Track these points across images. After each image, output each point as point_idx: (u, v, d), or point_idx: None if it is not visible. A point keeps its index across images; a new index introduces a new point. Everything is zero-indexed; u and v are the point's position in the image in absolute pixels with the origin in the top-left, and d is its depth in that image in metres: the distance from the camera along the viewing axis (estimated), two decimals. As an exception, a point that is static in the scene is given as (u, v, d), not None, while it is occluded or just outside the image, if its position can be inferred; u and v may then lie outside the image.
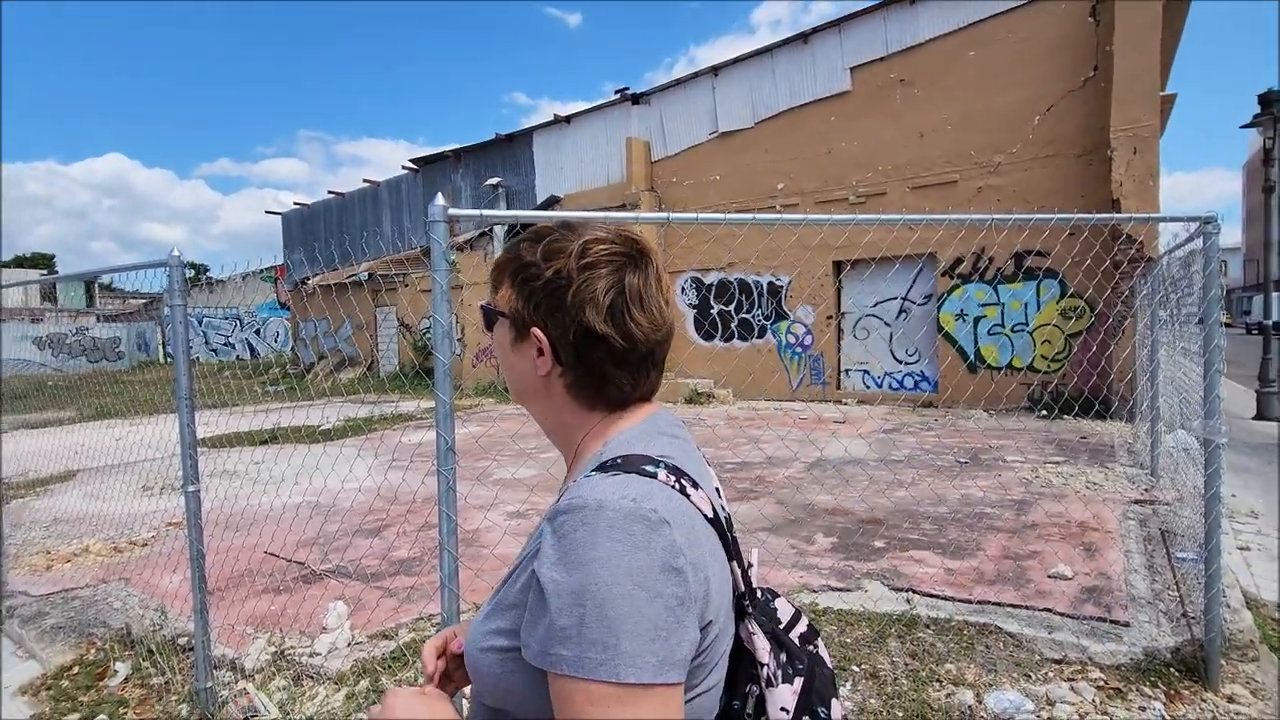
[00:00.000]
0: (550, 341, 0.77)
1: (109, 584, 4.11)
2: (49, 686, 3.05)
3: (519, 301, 0.80)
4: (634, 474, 0.69)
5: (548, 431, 0.87)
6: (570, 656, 0.60)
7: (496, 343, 0.86)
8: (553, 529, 0.66)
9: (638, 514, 0.64)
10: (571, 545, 0.63)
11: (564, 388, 0.80)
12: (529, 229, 0.85)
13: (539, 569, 0.64)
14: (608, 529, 0.63)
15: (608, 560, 0.62)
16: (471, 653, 0.73)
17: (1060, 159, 9.96)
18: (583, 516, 0.64)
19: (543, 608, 0.63)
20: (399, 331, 18.96)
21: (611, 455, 0.73)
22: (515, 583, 0.72)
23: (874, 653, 3.01)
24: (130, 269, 2.90)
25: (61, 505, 6.16)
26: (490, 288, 0.86)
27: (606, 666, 0.59)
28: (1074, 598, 3.44)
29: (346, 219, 21.92)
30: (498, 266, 0.84)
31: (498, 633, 0.70)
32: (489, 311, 0.85)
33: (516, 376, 0.84)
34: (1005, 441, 7.69)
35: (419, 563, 4.33)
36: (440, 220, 1.80)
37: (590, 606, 0.60)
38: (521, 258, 0.81)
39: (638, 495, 0.66)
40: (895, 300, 11.62)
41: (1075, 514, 4.80)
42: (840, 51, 11.92)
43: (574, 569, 0.62)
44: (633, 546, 0.62)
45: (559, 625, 0.61)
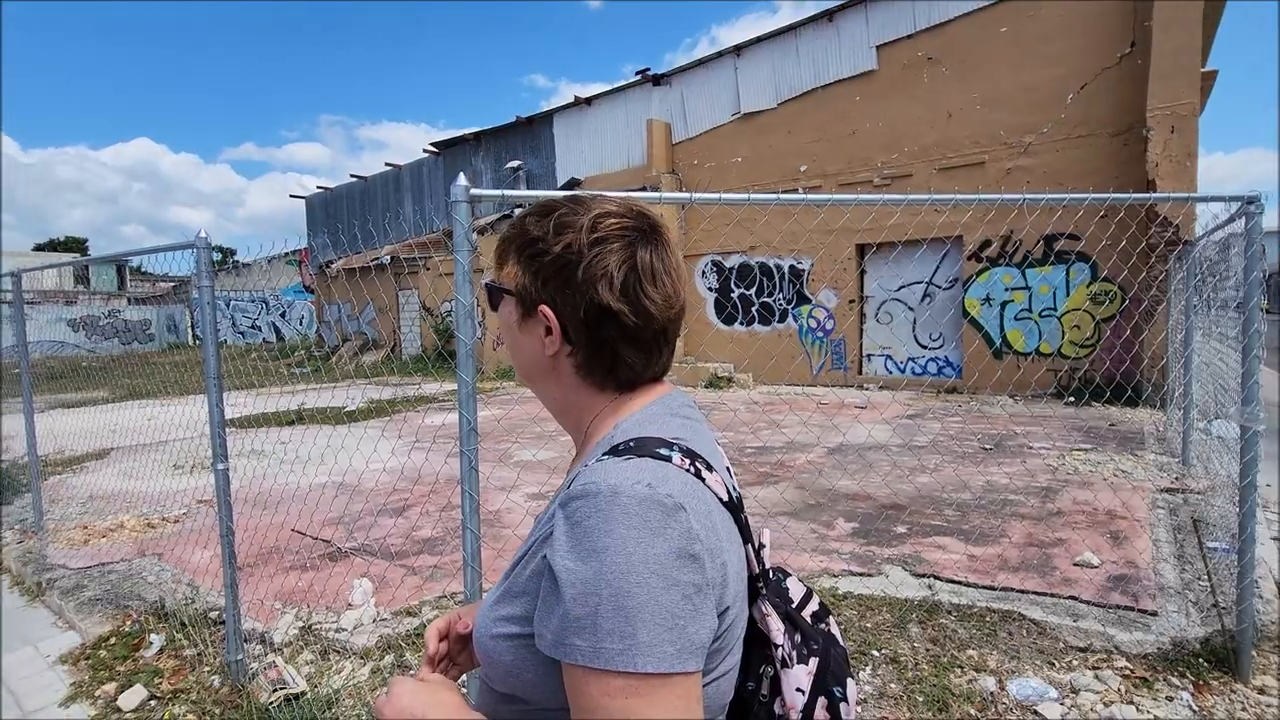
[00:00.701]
0: (559, 319, 0.75)
1: (143, 559, 4.23)
2: (88, 656, 3.15)
3: (526, 278, 0.77)
4: (648, 458, 0.67)
5: (556, 413, 0.85)
6: (586, 647, 0.59)
7: (502, 322, 0.83)
8: (565, 515, 0.64)
9: (653, 499, 0.62)
10: (585, 532, 0.61)
11: (573, 367, 0.77)
12: (536, 203, 0.81)
13: (552, 556, 0.63)
14: (622, 515, 0.61)
15: (622, 548, 0.60)
16: (481, 639, 0.72)
17: (1094, 139, 9.68)
18: (596, 503, 0.62)
19: (556, 597, 0.62)
20: (420, 314, 19.12)
21: (624, 438, 0.72)
22: (525, 569, 0.70)
23: (895, 638, 2.99)
24: (159, 251, 2.94)
25: (97, 482, 6.34)
26: (495, 264, 0.82)
27: (624, 656, 0.58)
28: (1100, 586, 3.39)
29: (368, 202, 22.08)
30: (502, 242, 0.81)
31: (508, 619, 0.69)
32: (494, 289, 0.82)
33: (523, 356, 0.82)
34: (1031, 428, 7.57)
35: (441, 542, 4.40)
36: (463, 201, 1.80)
37: (606, 595, 0.59)
38: (528, 232, 0.77)
39: (652, 480, 0.64)
40: (920, 284, 11.44)
41: (1103, 501, 4.72)
42: (866, 29, 11.65)
43: (588, 557, 0.61)
44: (648, 533, 0.61)
45: (574, 615, 0.60)
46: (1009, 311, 10.44)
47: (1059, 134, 9.92)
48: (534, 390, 0.85)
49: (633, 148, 14.82)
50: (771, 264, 12.93)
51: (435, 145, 19.55)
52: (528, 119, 16.99)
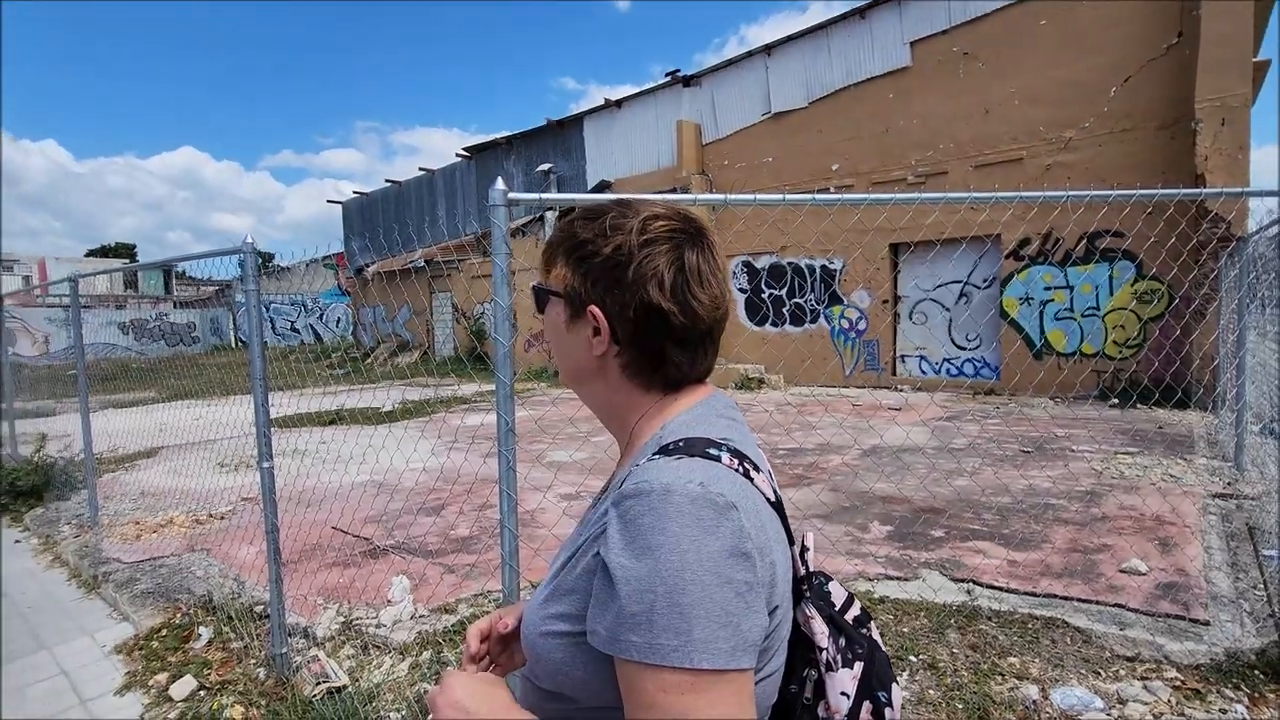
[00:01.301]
0: (608, 319, 0.76)
1: (192, 554, 4.37)
2: (141, 647, 3.28)
3: (575, 279, 0.78)
4: (698, 457, 0.68)
5: (600, 414, 0.85)
6: (641, 643, 0.60)
7: (548, 324, 0.84)
8: (618, 513, 0.65)
9: (705, 498, 0.63)
10: (639, 530, 0.63)
11: (620, 367, 0.79)
12: (581, 208, 0.83)
13: (606, 554, 0.64)
14: (675, 514, 0.62)
15: (676, 545, 0.61)
16: (530, 636, 0.74)
17: (1139, 132, 9.38)
18: (649, 501, 0.63)
19: (611, 594, 0.63)
20: (454, 316, 19.39)
21: (672, 438, 0.73)
22: (575, 566, 0.72)
23: (933, 643, 2.94)
24: (208, 256, 3.04)
25: (148, 479, 6.58)
26: (541, 269, 0.84)
27: (679, 653, 0.59)
28: (1149, 594, 3.29)
29: (403, 207, 22.49)
30: (550, 246, 0.82)
31: (558, 617, 0.70)
32: (541, 291, 0.83)
33: (570, 357, 0.82)
34: (1074, 430, 7.37)
35: (477, 541, 4.46)
36: (501, 205, 1.82)
37: (661, 593, 0.60)
38: (577, 235, 0.79)
39: (704, 479, 0.65)
40: (956, 284, 11.23)
41: (1151, 507, 4.57)
42: (900, 26, 11.48)
43: (643, 555, 0.62)
44: (701, 531, 0.62)
45: (629, 612, 0.61)
46: (1049, 311, 10.17)
47: (1101, 128, 9.64)
48: (579, 392, 0.85)
49: (663, 149, 14.84)
50: (803, 264, 12.81)
51: (467, 149, 19.83)
52: (558, 122, 17.13)
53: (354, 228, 24.54)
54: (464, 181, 20.23)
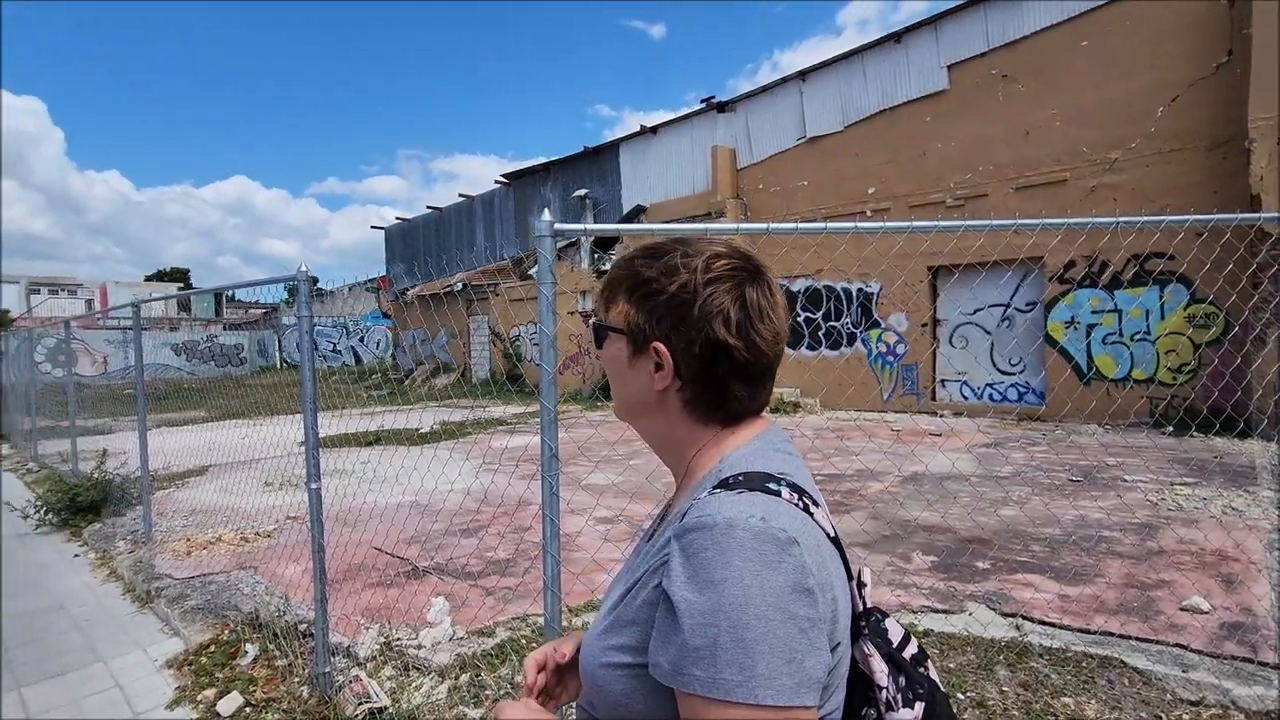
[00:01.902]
0: (672, 356, 0.77)
1: (239, 571, 4.49)
2: (190, 662, 3.36)
3: (639, 316, 0.79)
4: (759, 492, 0.69)
5: (656, 446, 0.86)
6: (704, 677, 0.60)
7: (608, 359, 0.85)
8: (680, 546, 0.66)
9: (767, 533, 0.64)
10: (702, 564, 0.63)
11: (681, 402, 0.80)
12: (641, 246, 0.84)
13: (670, 587, 0.65)
14: (738, 548, 0.63)
15: (740, 580, 0.62)
16: (589, 667, 0.74)
17: (1188, 153, 9.14)
18: (713, 535, 0.64)
19: (674, 627, 0.63)
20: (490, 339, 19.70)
21: (731, 471, 0.73)
22: (635, 598, 0.72)
23: (981, 680, 2.85)
24: (266, 283, 3.17)
25: (197, 497, 6.79)
26: (601, 305, 0.86)
27: (743, 688, 0.59)
28: (1212, 634, 3.14)
29: (443, 232, 23.05)
30: (611, 283, 0.84)
31: (618, 649, 0.71)
32: (602, 328, 0.84)
33: (630, 392, 0.83)
34: (1126, 459, 7.10)
35: (515, 564, 4.48)
36: (547, 235, 1.87)
37: (725, 627, 0.60)
38: (640, 274, 0.81)
39: (766, 514, 0.66)
40: (998, 307, 11.00)
41: (1212, 541, 4.37)
42: (936, 49, 11.45)
43: (706, 589, 0.62)
44: (764, 566, 0.62)
45: (692, 645, 0.61)
46: (1097, 335, 9.88)
47: (1148, 149, 9.42)
48: (636, 425, 0.87)
49: (698, 174, 14.96)
50: (839, 287, 12.71)
51: (506, 176, 20.29)
52: (594, 149, 17.43)
53: (396, 252, 25.22)
54: (502, 207, 20.66)
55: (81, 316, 8.99)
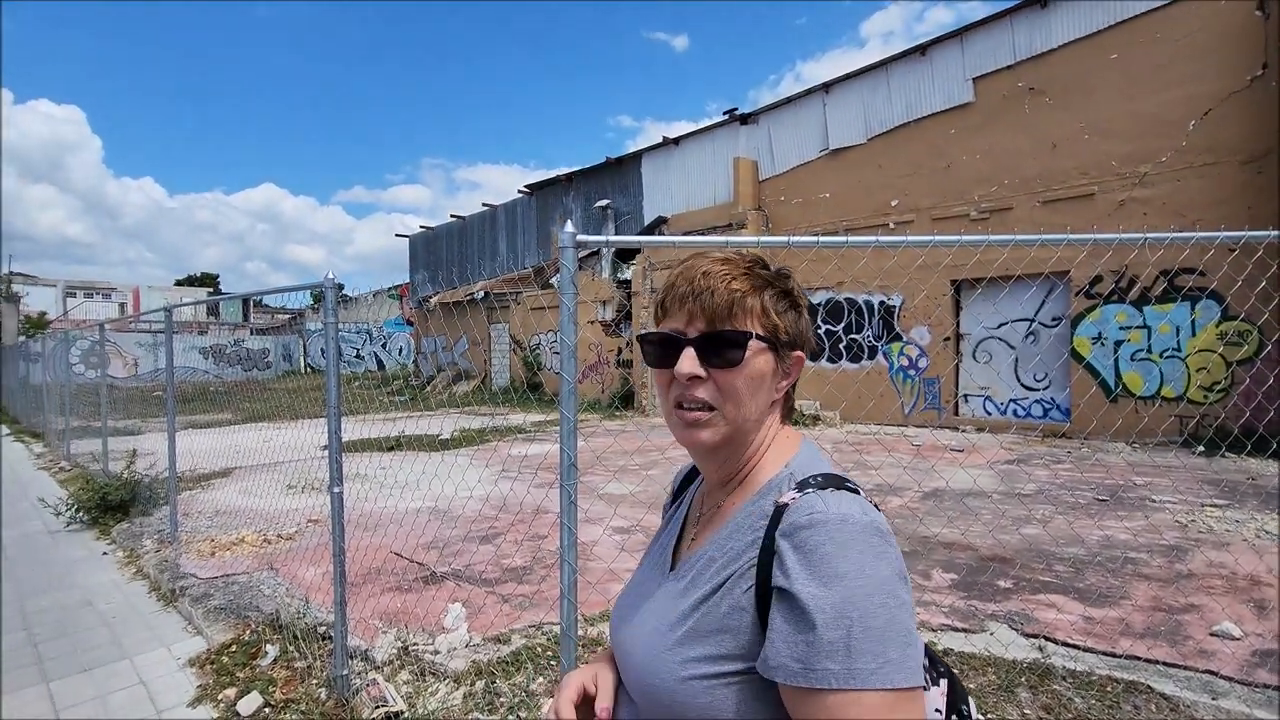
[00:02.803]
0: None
1: (261, 573, 4.56)
2: (212, 661, 3.42)
3: (790, 325, 0.82)
4: (845, 490, 0.72)
5: (726, 453, 0.83)
6: (839, 670, 0.62)
7: (747, 373, 0.79)
8: (793, 545, 0.68)
9: (873, 526, 0.68)
10: (822, 559, 0.65)
11: (779, 411, 0.85)
12: (737, 252, 0.84)
13: (790, 585, 0.66)
14: (853, 541, 0.66)
15: (860, 572, 0.64)
16: (664, 685, 0.73)
17: (1221, 167, 8.97)
18: (828, 531, 0.67)
19: (802, 623, 0.64)
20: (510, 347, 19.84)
21: (804, 474, 0.76)
22: (718, 606, 0.73)
23: (1002, 702, 2.80)
24: (295, 289, 3.23)
25: (221, 499, 6.91)
26: (725, 315, 0.79)
27: (879, 675, 0.62)
28: (1244, 661, 3.05)
29: (466, 241, 23.31)
30: (747, 292, 0.79)
31: (702, 660, 0.71)
32: (761, 338, 0.79)
33: (762, 405, 0.81)
34: (1154, 479, 6.95)
35: (530, 572, 4.49)
36: (570, 246, 1.90)
37: (855, 618, 0.63)
38: (774, 283, 0.83)
39: (864, 509, 0.70)
40: (1022, 322, 10.84)
41: (1243, 565, 4.25)
42: (962, 62, 11.39)
43: (830, 583, 0.64)
44: (876, 557, 0.66)
45: (826, 639, 0.63)
46: (1124, 352, 9.70)
47: (1179, 163, 9.26)
48: (732, 442, 0.81)
49: (719, 185, 14.99)
50: (860, 300, 12.63)
51: (528, 186, 20.49)
52: (617, 159, 17.55)
53: (419, 260, 25.55)
54: (524, 216, 20.86)
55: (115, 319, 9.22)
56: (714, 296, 0.78)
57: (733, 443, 0.82)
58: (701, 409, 0.79)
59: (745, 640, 0.70)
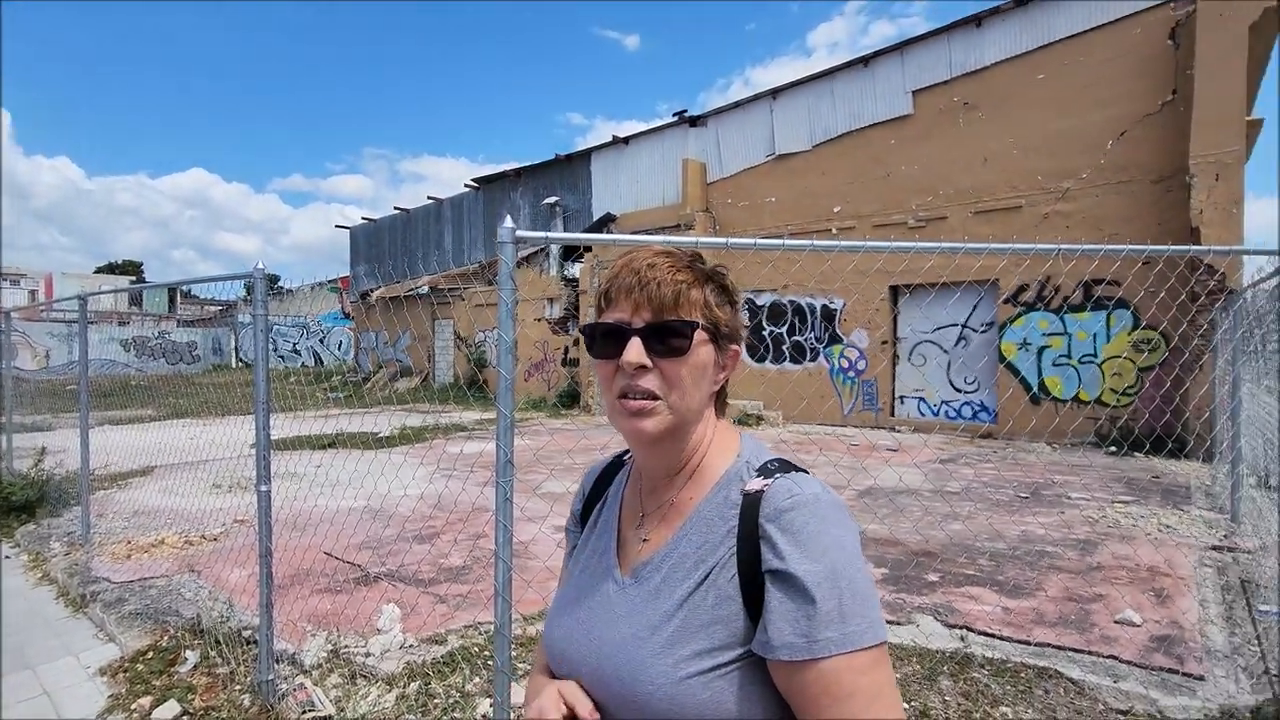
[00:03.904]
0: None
1: (182, 575, 4.34)
2: (126, 669, 3.24)
3: (729, 319, 0.85)
4: (800, 471, 0.78)
5: (674, 448, 0.83)
6: (835, 636, 0.66)
7: (692, 364, 0.80)
8: (780, 527, 0.71)
9: (837, 502, 0.74)
10: (809, 536, 0.70)
11: (716, 403, 0.88)
12: (678, 249, 0.85)
13: (785, 566, 0.69)
14: (828, 515, 0.72)
15: (840, 542, 0.70)
16: (658, 690, 0.71)
17: (1135, 185, 9.57)
18: (810, 510, 0.72)
19: (802, 599, 0.68)
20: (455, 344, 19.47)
21: (758, 461, 0.81)
22: (704, 599, 0.74)
23: (925, 690, 2.92)
24: (219, 279, 3.10)
25: (140, 499, 6.55)
26: (671, 307, 0.79)
27: (870, 633, 0.67)
28: (1143, 646, 3.27)
29: (410, 234, 22.74)
30: (690, 284, 0.81)
31: (697, 655, 0.71)
32: (704, 329, 0.80)
33: (702, 395, 0.82)
34: (1069, 477, 7.37)
35: (469, 571, 4.43)
36: (509, 242, 1.88)
37: (845, 585, 0.68)
38: (713, 278, 0.85)
39: (825, 487, 0.75)
40: (954, 327, 11.32)
41: (1145, 557, 4.55)
42: (902, 75, 11.80)
43: (819, 557, 0.69)
44: (845, 529, 0.72)
45: (824, 610, 0.67)
46: (1046, 357, 10.24)
47: (1099, 179, 9.84)
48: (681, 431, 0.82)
49: (668, 186, 15.09)
50: (804, 303, 12.93)
51: (476, 180, 20.14)
52: (566, 156, 17.44)
53: (360, 253, 24.79)
54: (471, 211, 20.50)
55: (23, 308, 8.62)
56: (660, 288, 0.79)
57: (675, 434, 0.81)
58: (646, 398, 0.78)
59: (737, 628, 0.72)
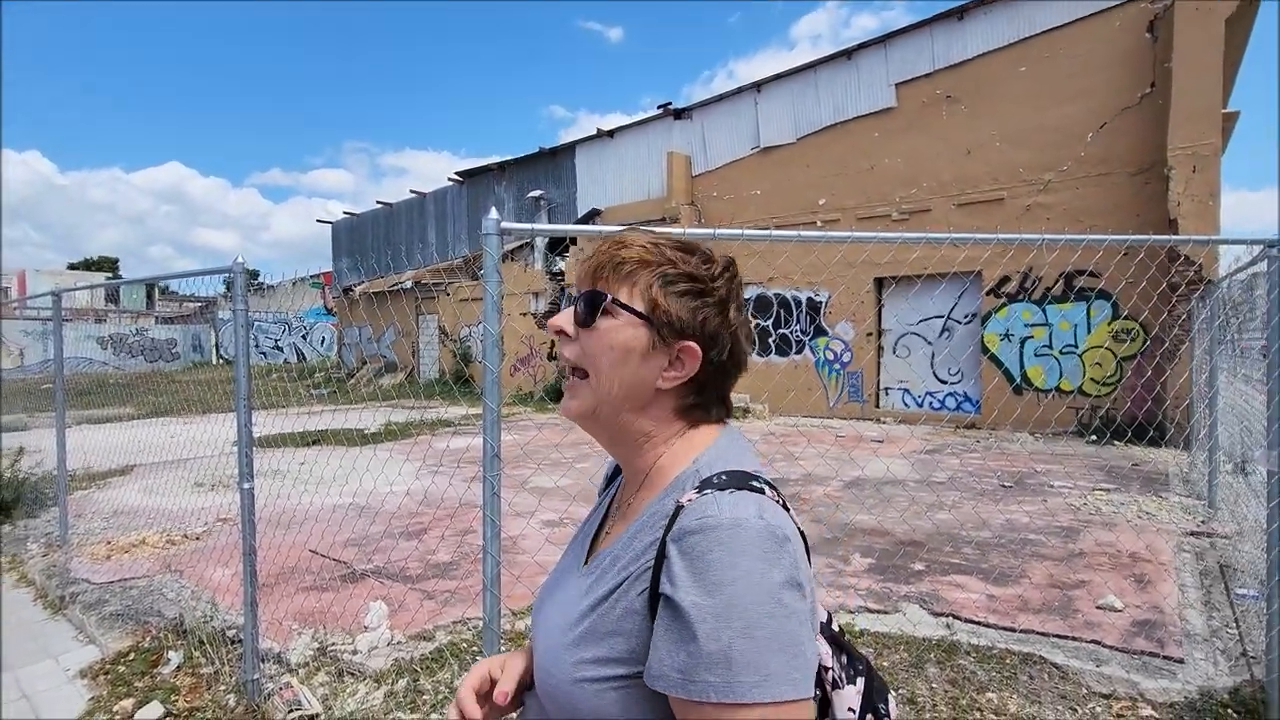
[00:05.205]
0: (702, 358, 0.75)
1: (164, 575, 4.28)
2: (107, 671, 3.19)
3: (678, 310, 0.75)
4: (746, 490, 0.68)
5: (617, 441, 0.81)
6: (719, 682, 0.59)
7: (608, 340, 0.75)
8: (682, 550, 0.64)
9: (768, 531, 0.64)
10: (708, 566, 0.62)
11: (675, 402, 0.77)
12: (670, 237, 0.79)
13: (674, 593, 0.63)
14: (743, 548, 0.62)
15: (748, 579, 0.61)
16: (558, 683, 0.71)
17: (1114, 177, 9.69)
18: (717, 536, 0.63)
19: (683, 633, 0.61)
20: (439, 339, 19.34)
21: (710, 471, 0.72)
22: (614, 608, 0.70)
23: (912, 678, 2.95)
24: (197, 274, 3.04)
25: (121, 498, 6.44)
26: (606, 280, 0.77)
27: (760, 688, 0.59)
28: (1124, 631, 3.32)
29: (393, 228, 22.53)
30: (631, 262, 0.76)
31: (596, 662, 0.68)
32: (615, 305, 0.75)
33: (629, 382, 0.76)
34: (1052, 466, 7.46)
35: (456, 567, 4.41)
36: (494, 233, 1.86)
37: (738, 628, 0.60)
38: (679, 266, 0.76)
39: (761, 512, 0.65)
40: (938, 318, 11.41)
41: (1126, 544, 4.63)
42: (885, 67, 11.84)
43: (714, 591, 0.61)
44: (768, 564, 0.62)
45: (707, 651, 0.60)
46: (1029, 348, 10.36)
47: (1079, 172, 9.94)
48: (609, 417, 0.79)
49: (653, 179, 15.05)
50: (789, 296, 12.97)
51: (460, 174, 19.98)
52: (550, 150, 17.34)
53: (343, 248, 24.51)
54: (455, 205, 20.34)
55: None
56: (594, 259, 0.78)
57: (601, 421, 0.78)
58: (576, 374, 0.78)
59: (635, 644, 0.67)
